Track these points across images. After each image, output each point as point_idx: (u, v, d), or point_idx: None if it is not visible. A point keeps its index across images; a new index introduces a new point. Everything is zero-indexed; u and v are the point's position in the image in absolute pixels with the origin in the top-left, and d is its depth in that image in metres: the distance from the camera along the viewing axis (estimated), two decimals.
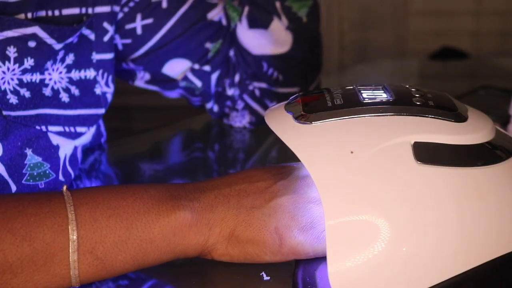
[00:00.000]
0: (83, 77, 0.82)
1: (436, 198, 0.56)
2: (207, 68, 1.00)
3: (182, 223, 0.61)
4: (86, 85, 0.83)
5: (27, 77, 0.75)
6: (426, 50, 1.80)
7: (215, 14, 0.98)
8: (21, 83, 0.75)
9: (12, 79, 0.74)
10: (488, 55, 1.97)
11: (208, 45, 0.98)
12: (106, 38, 0.86)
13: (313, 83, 1.03)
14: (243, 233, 0.62)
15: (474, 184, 0.57)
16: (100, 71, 0.86)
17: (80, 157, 0.84)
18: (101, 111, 0.86)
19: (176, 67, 0.98)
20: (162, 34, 0.95)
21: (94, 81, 0.84)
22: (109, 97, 0.89)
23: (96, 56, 0.84)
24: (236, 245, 0.62)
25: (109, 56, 0.87)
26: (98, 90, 0.85)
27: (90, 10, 0.81)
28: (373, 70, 1.49)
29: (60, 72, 0.79)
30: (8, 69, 0.74)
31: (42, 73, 0.77)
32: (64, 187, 0.61)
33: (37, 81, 0.77)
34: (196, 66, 0.99)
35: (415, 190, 0.56)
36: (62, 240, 0.58)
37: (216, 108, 1.04)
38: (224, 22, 0.99)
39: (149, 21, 0.94)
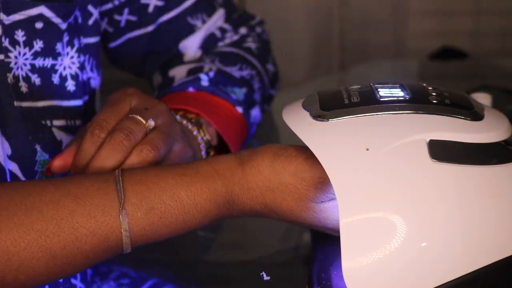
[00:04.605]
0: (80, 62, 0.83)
1: (451, 196, 0.56)
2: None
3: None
4: (82, 71, 0.84)
5: (39, 62, 0.76)
6: (426, 50, 1.79)
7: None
8: (33, 68, 0.76)
9: (25, 64, 0.75)
10: (488, 55, 1.98)
11: None
12: (91, 21, 0.87)
13: None
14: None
15: (489, 183, 0.57)
16: (87, 56, 0.86)
17: None
18: (86, 98, 0.86)
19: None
20: (139, 33, 0.97)
21: (82, 67, 0.85)
22: (93, 83, 0.90)
23: (83, 40, 0.85)
24: None
25: (94, 39, 0.88)
26: (84, 76, 0.85)
27: None
28: (374, 70, 1.49)
29: (72, 57, 0.80)
30: (20, 53, 0.74)
31: (54, 57, 0.77)
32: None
33: (49, 66, 0.77)
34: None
35: (430, 188, 0.56)
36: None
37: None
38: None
39: (133, 18, 0.96)
